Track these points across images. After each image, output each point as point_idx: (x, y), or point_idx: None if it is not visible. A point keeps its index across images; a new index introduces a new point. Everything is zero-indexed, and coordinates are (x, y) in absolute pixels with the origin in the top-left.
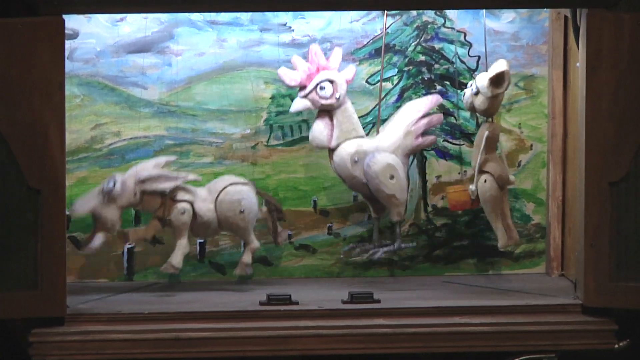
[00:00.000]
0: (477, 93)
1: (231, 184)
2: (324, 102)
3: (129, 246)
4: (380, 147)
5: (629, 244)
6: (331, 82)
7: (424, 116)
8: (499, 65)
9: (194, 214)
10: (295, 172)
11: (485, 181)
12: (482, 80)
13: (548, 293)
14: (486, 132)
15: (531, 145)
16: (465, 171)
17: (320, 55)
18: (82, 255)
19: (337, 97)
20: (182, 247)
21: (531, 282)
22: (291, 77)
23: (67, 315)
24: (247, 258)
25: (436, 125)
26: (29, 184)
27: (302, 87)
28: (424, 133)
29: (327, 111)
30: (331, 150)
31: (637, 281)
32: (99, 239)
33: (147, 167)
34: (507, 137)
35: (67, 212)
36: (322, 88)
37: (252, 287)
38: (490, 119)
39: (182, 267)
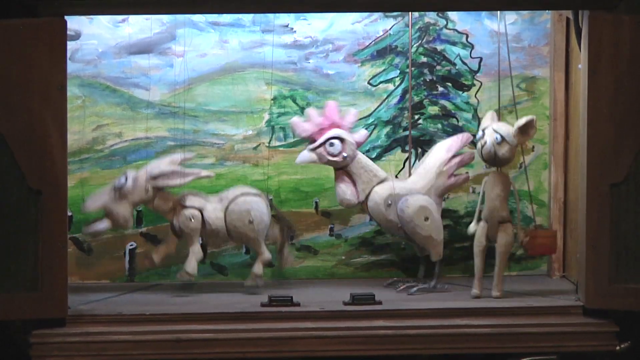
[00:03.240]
0: (501, 142)
1: (242, 194)
2: (330, 158)
3: (131, 247)
4: (413, 189)
5: (630, 246)
6: (341, 140)
7: (455, 155)
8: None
9: (203, 221)
10: (296, 174)
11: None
12: (505, 129)
13: (549, 295)
14: (512, 185)
15: (533, 147)
16: (467, 172)
17: (336, 112)
18: (85, 235)
19: (345, 156)
20: (195, 253)
21: (533, 284)
22: (303, 128)
23: (68, 316)
24: (258, 269)
25: (468, 164)
26: (29, 184)
27: (312, 140)
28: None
29: (342, 169)
30: (362, 203)
31: (638, 283)
32: (103, 224)
33: (161, 164)
34: None
35: (69, 213)
36: (331, 144)
37: (254, 289)
38: (499, 168)
39: (196, 273)
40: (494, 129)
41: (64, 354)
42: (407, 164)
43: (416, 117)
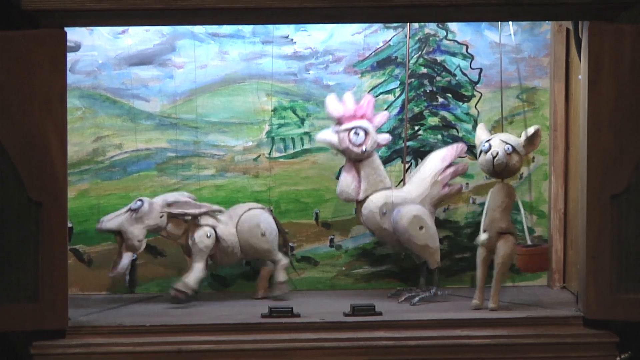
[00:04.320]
0: (511, 152)
1: (249, 209)
2: (350, 146)
3: (132, 258)
4: (408, 198)
5: (630, 256)
6: (366, 133)
7: (449, 165)
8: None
9: (217, 238)
10: (297, 185)
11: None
12: (514, 139)
13: (550, 305)
14: (517, 195)
15: (533, 158)
16: (467, 184)
17: (371, 106)
18: (111, 277)
19: (364, 149)
20: (199, 270)
21: (533, 295)
22: (336, 109)
23: (69, 327)
24: (281, 277)
25: (462, 174)
26: (30, 196)
27: (339, 123)
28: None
29: (354, 163)
30: (359, 202)
31: (638, 293)
32: (127, 258)
33: (174, 194)
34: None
35: (69, 224)
36: (356, 133)
37: (254, 300)
38: (502, 180)
39: (197, 289)
40: (502, 140)
41: None
42: (404, 173)
43: (416, 128)
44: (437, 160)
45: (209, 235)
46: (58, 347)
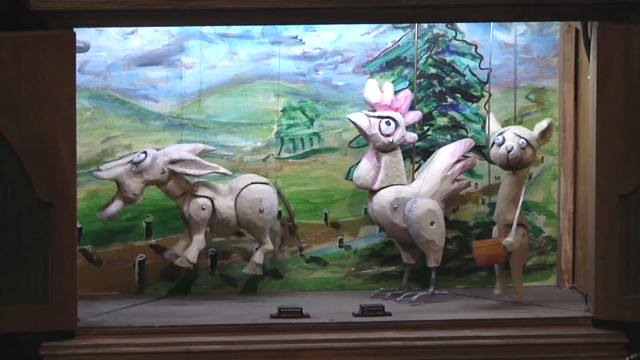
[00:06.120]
0: (525, 147)
1: (253, 183)
2: (378, 133)
3: (140, 259)
4: (418, 193)
5: (639, 257)
6: (397, 126)
7: (458, 160)
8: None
9: (214, 210)
10: (306, 185)
11: (523, 235)
12: (528, 133)
13: (559, 306)
14: (524, 187)
15: (542, 158)
16: (477, 184)
17: (407, 102)
18: (98, 219)
19: (390, 140)
20: (198, 242)
21: (542, 295)
22: (375, 94)
23: (78, 328)
24: (258, 258)
25: (470, 169)
26: (39, 197)
27: (372, 109)
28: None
29: (377, 153)
30: (371, 192)
31: None
32: (116, 206)
33: (181, 149)
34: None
35: (79, 225)
36: (387, 123)
37: (263, 300)
38: (513, 172)
39: (196, 262)
40: (516, 134)
41: None
42: (412, 172)
43: (425, 128)
44: (446, 155)
45: (203, 207)
46: (67, 348)
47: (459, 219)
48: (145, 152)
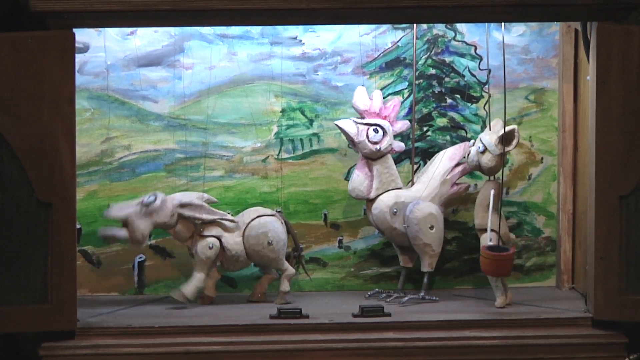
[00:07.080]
0: (484, 151)
1: (257, 217)
2: (366, 141)
3: (140, 259)
4: (417, 197)
5: (639, 257)
6: (384, 133)
7: (457, 164)
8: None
9: (222, 247)
10: (305, 186)
11: (490, 240)
12: (489, 138)
13: (558, 306)
14: (492, 191)
15: (542, 159)
16: (475, 185)
17: (396, 110)
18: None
19: (377, 148)
20: (199, 280)
21: (541, 295)
22: (364, 102)
23: (78, 328)
24: (285, 287)
25: (469, 172)
26: (39, 197)
27: (360, 116)
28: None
29: (367, 162)
30: (369, 201)
31: None
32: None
33: (190, 195)
34: (517, 151)
35: (78, 226)
36: (375, 131)
37: (263, 301)
38: (492, 177)
39: (192, 299)
40: (480, 138)
41: None
42: (412, 174)
43: (425, 129)
44: (446, 159)
45: (211, 246)
46: (67, 349)
47: (459, 219)
48: (154, 195)
